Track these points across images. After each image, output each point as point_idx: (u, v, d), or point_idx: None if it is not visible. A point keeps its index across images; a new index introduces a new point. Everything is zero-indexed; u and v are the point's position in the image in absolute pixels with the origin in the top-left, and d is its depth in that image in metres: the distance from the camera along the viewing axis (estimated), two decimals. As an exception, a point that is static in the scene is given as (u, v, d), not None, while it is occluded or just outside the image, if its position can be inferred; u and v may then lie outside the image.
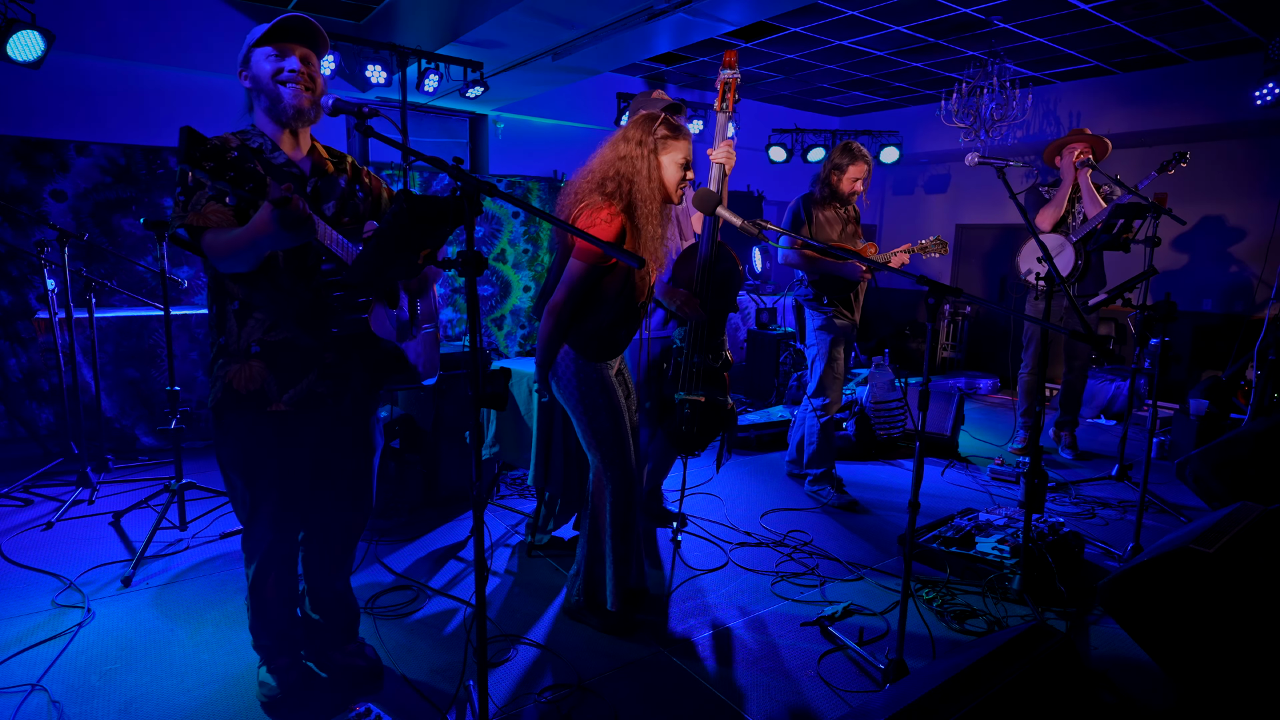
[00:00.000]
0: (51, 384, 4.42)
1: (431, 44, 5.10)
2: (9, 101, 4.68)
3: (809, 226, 3.74)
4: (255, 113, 1.90)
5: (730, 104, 2.88)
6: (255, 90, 1.86)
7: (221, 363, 1.89)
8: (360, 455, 2.14)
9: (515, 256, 6.61)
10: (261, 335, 1.87)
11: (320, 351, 1.93)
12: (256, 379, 1.87)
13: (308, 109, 1.86)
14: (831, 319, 3.81)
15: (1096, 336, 2.70)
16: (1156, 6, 4.99)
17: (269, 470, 1.93)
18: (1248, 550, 2.26)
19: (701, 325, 2.85)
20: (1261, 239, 6.12)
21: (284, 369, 1.89)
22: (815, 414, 3.85)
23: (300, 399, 1.91)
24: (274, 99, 1.83)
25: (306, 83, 1.85)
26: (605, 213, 2.26)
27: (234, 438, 1.91)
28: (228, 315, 1.88)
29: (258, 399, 1.88)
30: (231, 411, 1.88)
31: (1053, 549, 2.93)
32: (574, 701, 2.17)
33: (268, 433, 1.90)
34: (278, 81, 1.82)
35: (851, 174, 3.69)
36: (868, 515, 3.72)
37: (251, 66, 1.84)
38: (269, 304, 1.87)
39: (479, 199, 1.51)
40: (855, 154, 3.70)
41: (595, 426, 2.41)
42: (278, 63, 1.82)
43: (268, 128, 1.89)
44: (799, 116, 8.63)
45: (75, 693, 2.15)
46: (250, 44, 1.84)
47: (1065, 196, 4.49)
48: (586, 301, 2.36)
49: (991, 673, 1.60)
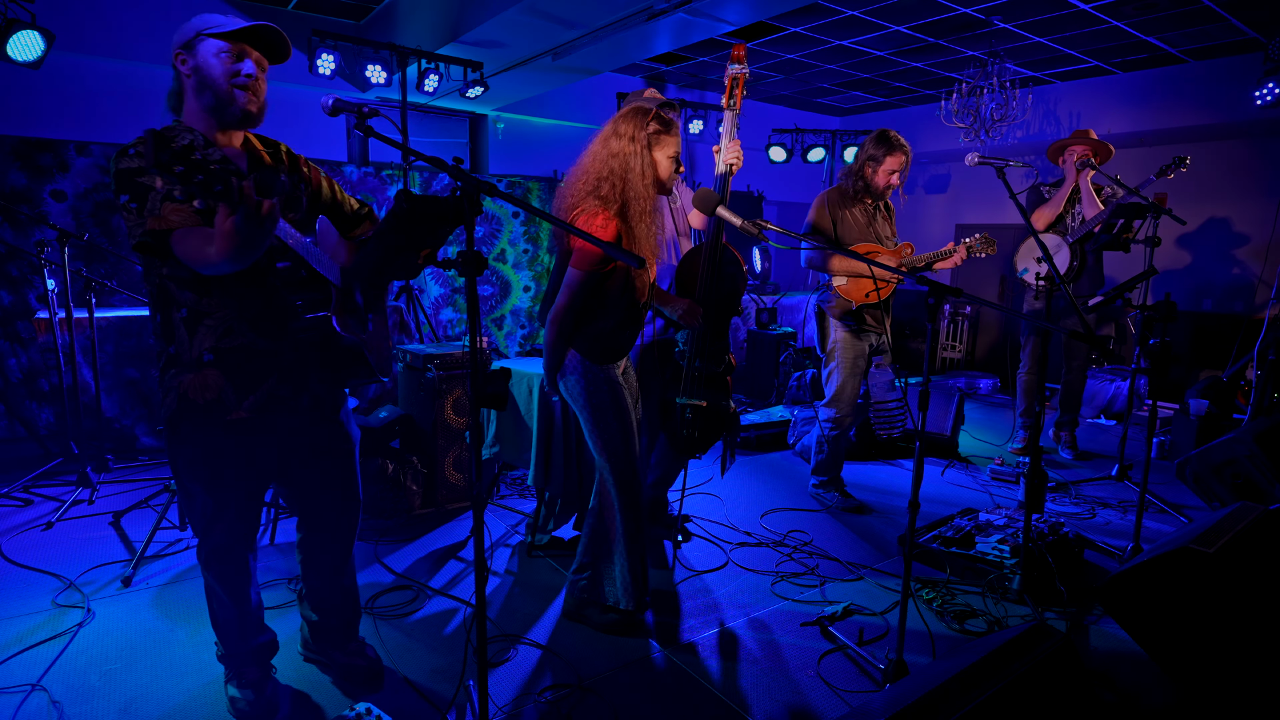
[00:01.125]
0: (51, 384, 4.42)
1: (431, 44, 5.10)
2: (9, 101, 4.69)
3: (835, 227, 3.50)
4: (187, 102, 1.78)
5: (739, 100, 2.83)
6: (198, 83, 1.73)
7: (173, 373, 1.81)
8: (339, 450, 2.10)
9: (515, 256, 6.61)
10: (214, 342, 1.80)
11: (278, 354, 1.87)
12: (213, 388, 1.80)
13: (256, 114, 1.79)
14: (856, 330, 3.56)
15: (1096, 336, 2.70)
16: (1157, 6, 4.99)
17: (230, 478, 1.88)
18: (1248, 550, 2.26)
19: (707, 330, 2.84)
20: (1261, 239, 6.13)
21: (242, 375, 1.83)
22: (826, 425, 3.69)
23: (261, 404, 1.86)
24: (224, 100, 1.74)
25: (257, 89, 1.78)
26: (600, 219, 2.27)
27: (191, 448, 1.84)
28: (175, 324, 1.79)
29: (216, 408, 1.81)
30: (187, 423, 1.81)
31: (1053, 549, 2.93)
32: (574, 701, 2.17)
33: (228, 442, 1.84)
34: (233, 84, 1.74)
35: (888, 166, 3.43)
36: (868, 515, 3.72)
37: (198, 55, 1.73)
38: (220, 309, 1.79)
39: (479, 199, 1.50)
40: (892, 143, 3.41)
41: (604, 427, 2.42)
42: (233, 64, 1.73)
43: (200, 123, 1.78)
44: (799, 116, 8.63)
45: (75, 693, 2.15)
46: (202, 31, 1.73)
47: (1064, 197, 4.48)
48: (589, 307, 2.38)
49: (991, 673, 1.60)
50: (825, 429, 3.71)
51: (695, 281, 2.84)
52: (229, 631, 2.05)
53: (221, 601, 2.02)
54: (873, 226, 3.56)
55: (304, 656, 2.33)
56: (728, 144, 2.81)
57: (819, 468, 3.85)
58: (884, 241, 3.56)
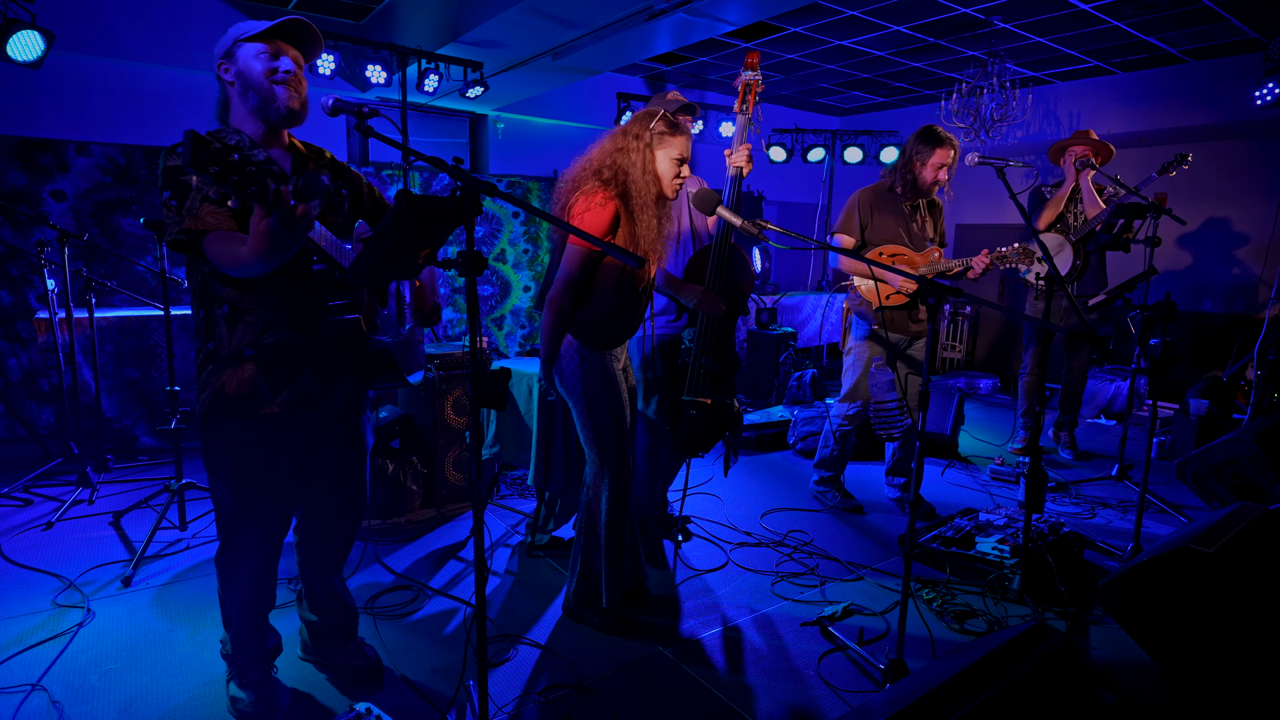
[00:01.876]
0: (51, 384, 4.43)
1: (431, 44, 5.10)
2: (9, 101, 4.69)
3: (864, 230, 3.45)
4: (234, 108, 1.84)
5: (751, 105, 2.84)
6: (242, 87, 1.80)
7: (212, 368, 1.86)
8: (352, 454, 2.12)
9: (515, 256, 6.61)
10: (254, 338, 1.85)
11: (313, 352, 1.92)
12: (249, 383, 1.85)
13: (299, 110, 1.83)
14: (876, 332, 3.50)
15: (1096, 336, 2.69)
16: (1157, 6, 4.99)
17: (259, 475, 1.91)
18: (1248, 550, 2.26)
19: (712, 327, 2.83)
20: (1262, 239, 6.13)
21: (278, 371, 1.87)
22: (836, 420, 3.69)
23: (293, 400, 1.90)
24: (267, 98, 1.79)
25: (297, 85, 1.83)
26: (600, 197, 2.29)
27: (224, 442, 1.88)
28: (217, 320, 1.85)
29: (250, 402, 1.85)
30: (221, 416, 1.86)
31: (1053, 549, 2.93)
32: (574, 701, 2.17)
33: (259, 436, 1.88)
34: (273, 81, 1.78)
35: (935, 160, 3.31)
36: (868, 515, 3.72)
37: (239, 61, 1.79)
38: (260, 306, 1.85)
39: (479, 199, 1.51)
40: (940, 138, 3.29)
41: (595, 419, 2.40)
42: (271, 62, 1.79)
43: (248, 125, 1.83)
44: (799, 116, 8.63)
45: (75, 693, 2.15)
46: (238, 38, 1.79)
47: (1065, 197, 4.49)
48: (586, 289, 2.37)
49: (991, 673, 1.60)
50: (835, 424, 3.72)
51: (704, 279, 2.85)
52: (243, 635, 2.05)
53: (247, 601, 2.02)
54: (908, 227, 3.46)
55: (301, 657, 2.33)
56: (738, 147, 2.81)
57: (823, 463, 3.86)
58: (914, 243, 3.47)
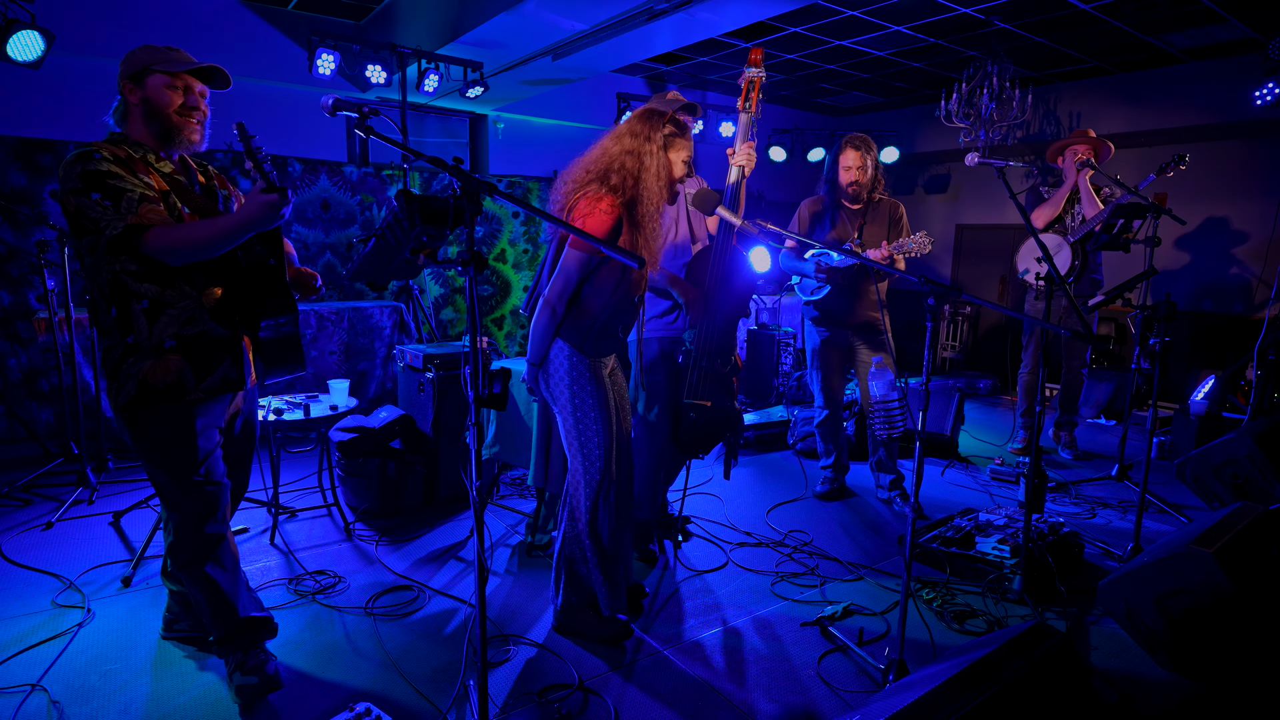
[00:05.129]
0: (51, 384, 4.43)
1: (431, 44, 5.10)
2: (9, 101, 4.68)
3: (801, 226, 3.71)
4: (132, 123, 1.99)
5: (754, 103, 2.82)
6: (147, 111, 1.96)
7: (132, 361, 1.94)
8: (249, 437, 2.32)
9: (515, 256, 6.61)
10: (177, 330, 1.95)
11: (233, 340, 2.06)
12: (174, 371, 1.95)
13: (198, 142, 2.02)
14: (815, 327, 3.81)
15: (1097, 336, 2.70)
16: (1156, 6, 4.99)
17: (192, 456, 2.00)
18: (1248, 550, 2.27)
19: (714, 329, 2.81)
20: (1261, 239, 6.12)
21: (201, 360, 1.99)
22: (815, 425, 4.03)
23: (215, 385, 2.03)
24: (172, 129, 1.97)
25: (202, 119, 2.02)
26: (606, 203, 2.22)
27: (154, 430, 1.98)
28: (135, 314, 1.92)
29: (175, 390, 1.96)
30: (147, 407, 1.95)
31: (1053, 549, 2.93)
32: (574, 701, 2.17)
33: (186, 421, 1.99)
34: (181, 115, 1.97)
35: (844, 162, 3.55)
36: (867, 515, 3.72)
37: (147, 88, 1.95)
38: (182, 299, 1.96)
39: (479, 199, 1.51)
40: (845, 142, 3.57)
41: (581, 427, 2.33)
42: (181, 97, 1.97)
43: (148, 140, 1.99)
44: (799, 116, 8.63)
45: (75, 693, 2.15)
46: (148, 64, 1.94)
47: (1064, 197, 4.49)
48: (582, 293, 2.31)
49: (991, 673, 1.60)
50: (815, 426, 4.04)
51: (704, 280, 2.84)
52: (220, 608, 2.08)
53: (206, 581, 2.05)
54: (846, 232, 3.63)
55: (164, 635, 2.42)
56: (741, 146, 2.79)
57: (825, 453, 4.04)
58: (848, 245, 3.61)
